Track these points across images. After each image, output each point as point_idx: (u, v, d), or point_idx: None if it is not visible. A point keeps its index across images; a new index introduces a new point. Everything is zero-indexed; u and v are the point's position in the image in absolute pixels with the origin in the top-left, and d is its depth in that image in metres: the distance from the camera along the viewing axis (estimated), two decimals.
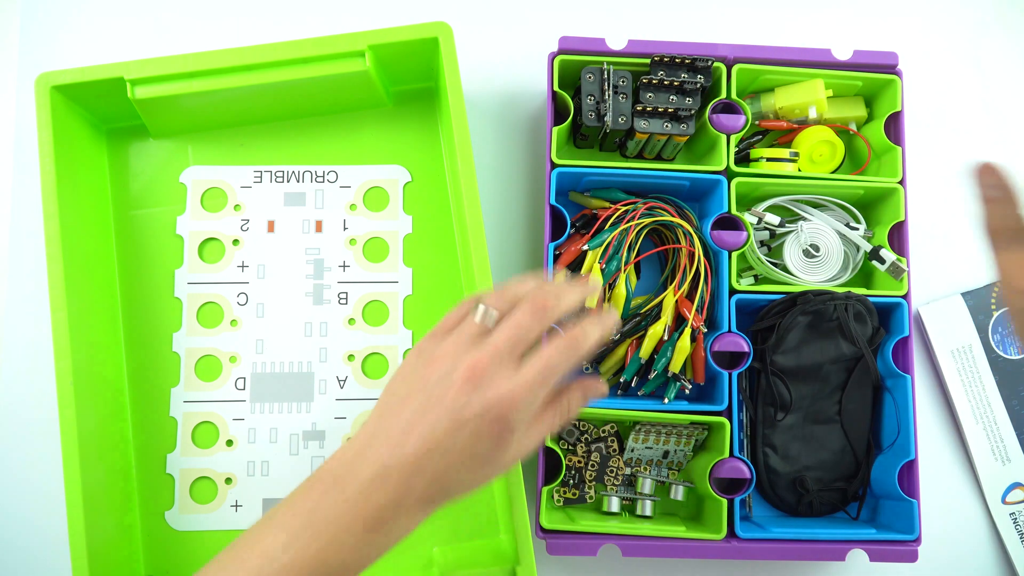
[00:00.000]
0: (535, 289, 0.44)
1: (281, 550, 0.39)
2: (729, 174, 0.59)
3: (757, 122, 0.62)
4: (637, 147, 0.61)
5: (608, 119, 0.58)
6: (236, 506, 0.59)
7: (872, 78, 0.61)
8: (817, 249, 0.60)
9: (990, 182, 0.40)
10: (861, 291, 0.58)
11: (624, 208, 0.58)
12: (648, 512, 0.58)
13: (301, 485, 0.42)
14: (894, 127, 0.61)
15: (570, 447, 0.59)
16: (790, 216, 0.61)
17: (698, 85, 0.58)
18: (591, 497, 0.58)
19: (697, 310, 0.57)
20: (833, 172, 0.62)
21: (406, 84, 0.62)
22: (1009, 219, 0.40)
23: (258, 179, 0.62)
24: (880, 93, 0.62)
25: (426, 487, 0.40)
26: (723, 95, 0.59)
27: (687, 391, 0.58)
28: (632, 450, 0.58)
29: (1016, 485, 0.62)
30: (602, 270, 0.56)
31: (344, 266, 0.61)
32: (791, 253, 0.60)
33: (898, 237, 0.60)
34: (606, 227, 0.58)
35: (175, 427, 0.59)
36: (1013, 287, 0.40)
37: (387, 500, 0.40)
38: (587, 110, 0.58)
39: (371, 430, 0.42)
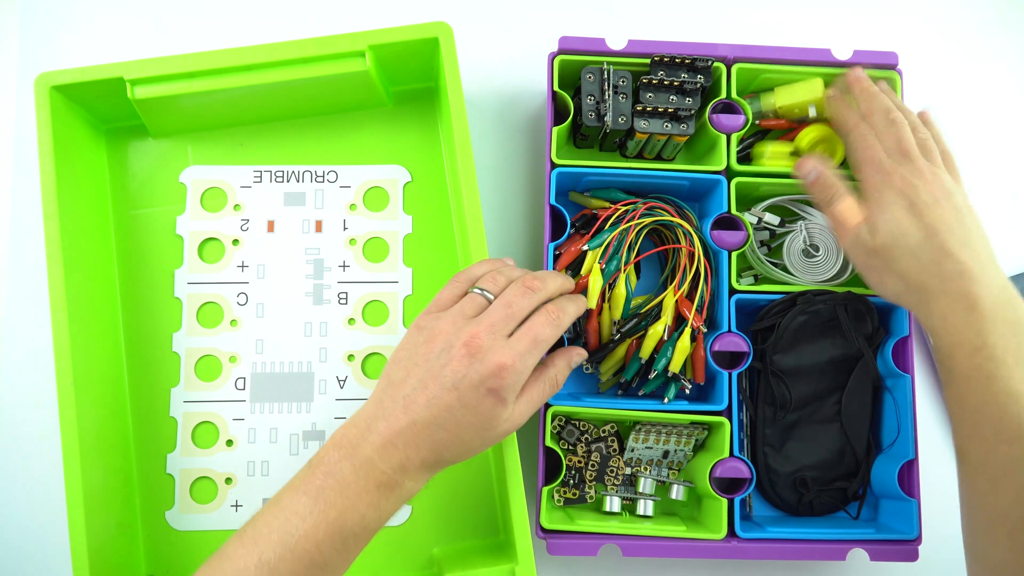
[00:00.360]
0: (523, 273, 0.49)
1: (304, 515, 0.43)
2: (729, 174, 0.59)
3: (758, 121, 0.62)
4: (637, 147, 0.61)
5: (608, 119, 0.58)
6: (236, 506, 0.59)
7: (872, 75, 0.61)
8: (817, 249, 0.60)
9: (806, 171, 0.56)
10: (861, 291, 0.58)
11: (624, 208, 0.58)
12: (648, 512, 0.58)
13: (318, 452, 0.46)
14: None
15: (570, 447, 0.59)
16: (790, 216, 0.61)
17: (698, 85, 0.58)
18: (591, 497, 0.58)
19: (697, 310, 0.57)
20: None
21: (406, 84, 0.62)
22: (829, 184, 0.55)
23: (258, 179, 0.62)
24: None
25: (428, 454, 0.45)
26: (723, 95, 0.60)
27: (687, 391, 0.58)
28: (632, 450, 0.58)
29: None
30: (602, 270, 0.56)
31: (344, 266, 0.61)
32: (791, 253, 0.60)
33: None
34: (606, 227, 0.58)
35: (175, 427, 0.59)
36: (846, 228, 0.53)
37: (396, 465, 0.44)
38: (587, 110, 0.58)
39: (379, 399, 0.46)
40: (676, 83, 0.58)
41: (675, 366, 0.56)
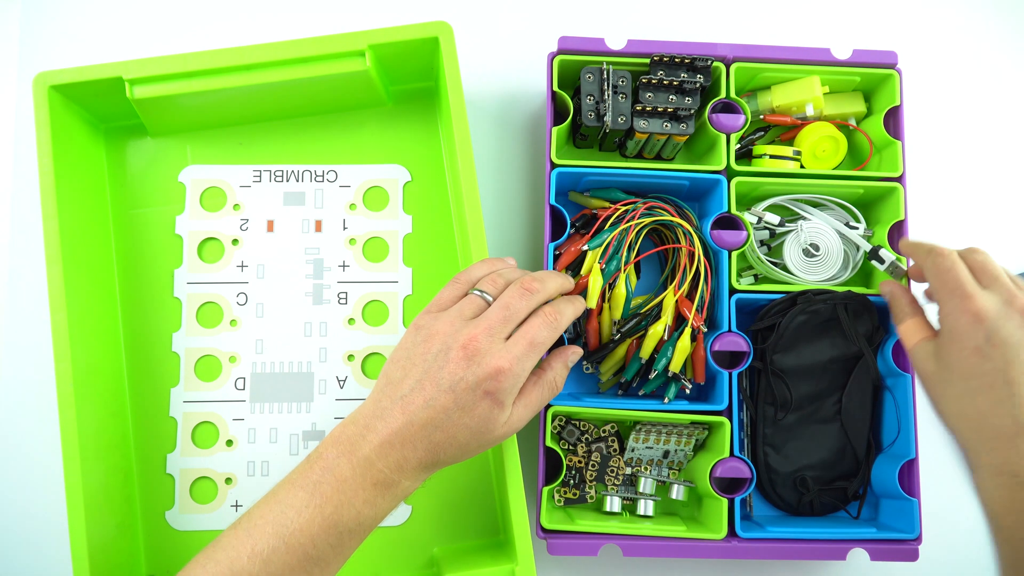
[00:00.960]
0: (523, 274, 0.49)
1: (299, 509, 0.43)
2: (729, 173, 0.59)
3: (762, 116, 0.62)
4: (637, 147, 0.61)
5: (608, 119, 0.58)
6: (236, 506, 0.59)
7: (870, 73, 0.61)
8: (817, 248, 0.60)
9: (882, 292, 0.56)
10: (861, 290, 0.58)
11: (624, 208, 0.58)
12: (649, 512, 0.58)
13: (317, 448, 0.46)
14: (893, 121, 0.61)
15: (570, 447, 0.59)
16: (790, 215, 0.61)
17: (697, 85, 0.58)
18: (592, 497, 0.58)
19: (697, 310, 0.57)
20: (837, 167, 0.62)
21: (406, 84, 0.62)
22: (896, 304, 0.54)
23: (257, 178, 0.62)
24: (878, 88, 0.62)
25: (424, 454, 0.45)
26: (722, 94, 0.59)
27: (687, 391, 0.58)
28: (632, 450, 0.58)
29: None
30: (602, 270, 0.56)
31: (344, 266, 0.61)
32: (791, 252, 0.60)
33: (898, 236, 0.60)
34: (606, 227, 0.58)
35: (175, 427, 0.59)
36: (906, 348, 0.52)
37: (393, 464, 0.44)
38: (587, 110, 0.58)
39: (377, 398, 0.46)
40: (675, 83, 0.58)
41: (675, 366, 0.56)
